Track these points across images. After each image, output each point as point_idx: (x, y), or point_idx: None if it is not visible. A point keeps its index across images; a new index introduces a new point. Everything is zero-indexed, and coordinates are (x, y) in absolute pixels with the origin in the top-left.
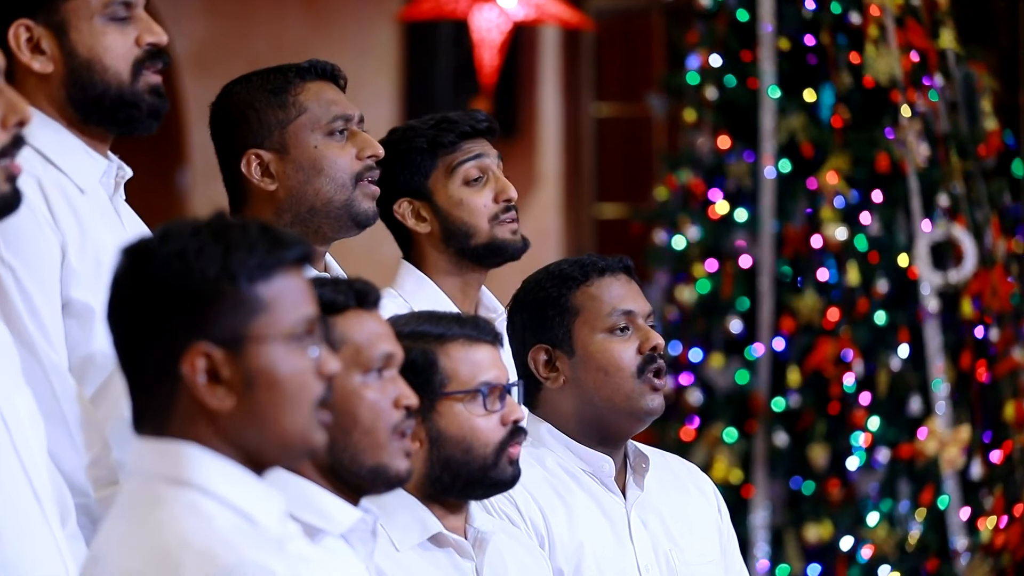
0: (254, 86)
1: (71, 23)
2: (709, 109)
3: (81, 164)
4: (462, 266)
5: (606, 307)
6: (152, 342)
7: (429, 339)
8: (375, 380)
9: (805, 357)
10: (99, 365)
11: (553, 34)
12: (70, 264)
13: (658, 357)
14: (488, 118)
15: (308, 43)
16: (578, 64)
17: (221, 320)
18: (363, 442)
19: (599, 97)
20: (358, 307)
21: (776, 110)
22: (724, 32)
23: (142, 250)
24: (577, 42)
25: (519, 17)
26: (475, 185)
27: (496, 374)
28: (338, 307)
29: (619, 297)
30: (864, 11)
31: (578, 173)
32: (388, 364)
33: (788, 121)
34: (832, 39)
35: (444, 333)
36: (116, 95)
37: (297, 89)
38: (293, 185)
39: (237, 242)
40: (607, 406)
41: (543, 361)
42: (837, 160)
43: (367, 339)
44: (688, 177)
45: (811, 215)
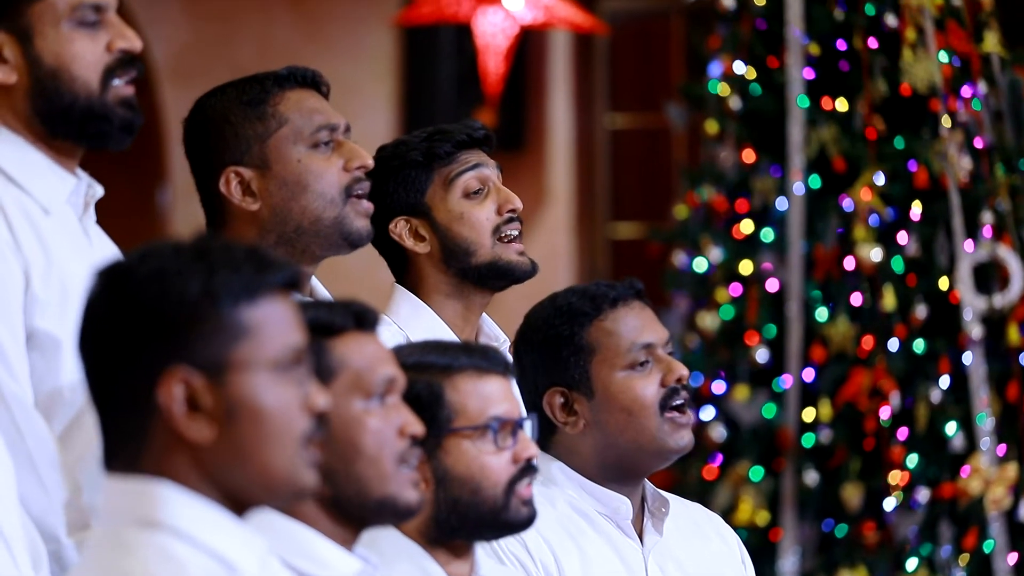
0: (229, 98)
1: (36, 29)
2: (732, 120)
3: (46, 182)
4: (464, 289)
5: (624, 342)
6: (126, 369)
7: (434, 371)
8: (377, 406)
9: (837, 389)
10: (67, 401)
11: (563, 39)
12: (34, 292)
13: (681, 389)
14: (484, 127)
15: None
16: (590, 71)
17: (202, 344)
18: (368, 473)
19: (613, 107)
20: (356, 329)
21: (805, 121)
22: (749, 36)
23: (118, 271)
24: (589, 48)
25: (526, 21)
26: (475, 197)
27: (507, 408)
28: (335, 329)
29: (636, 329)
30: (901, 13)
31: (591, 189)
32: (390, 389)
33: (818, 133)
34: (866, 43)
35: (451, 364)
36: (85, 106)
37: (276, 99)
38: (277, 203)
39: (221, 262)
40: (632, 447)
41: (559, 404)
42: (871, 175)
43: (367, 363)
44: (710, 194)
45: (843, 235)
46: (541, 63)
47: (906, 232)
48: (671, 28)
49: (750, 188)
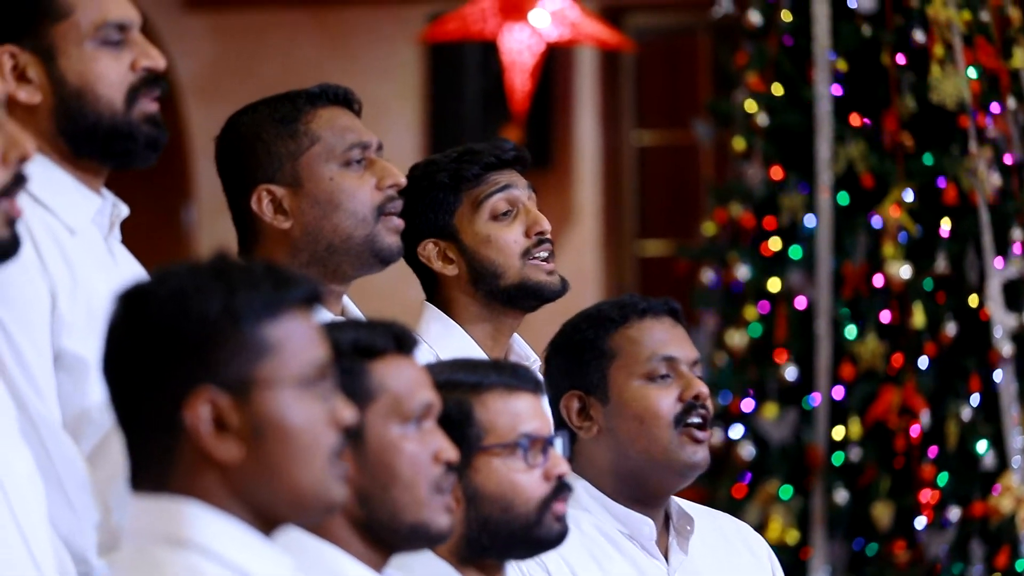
0: (261, 116)
1: (60, 48)
2: (760, 136)
3: (72, 202)
4: (493, 310)
5: (645, 351)
6: (151, 390)
7: (464, 389)
8: (414, 431)
9: (867, 407)
10: (95, 421)
11: (590, 56)
12: (61, 313)
13: (700, 406)
14: (516, 147)
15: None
16: (617, 88)
17: (225, 363)
18: (403, 499)
19: (640, 124)
20: (396, 352)
21: (833, 137)
22: (776, 53)
23: (138, 294)
24: (616, 65)
25: (553, 38)
26: (504, 220)
27: (537, 425)
28: (375, 352)
29: (661, 342)
30: (929, 29)
31: (618, 207)
32: (427, 414)
33: (846, 149)
34: (894, 60)
35: (480, 382)
36: (109, 126)
37: (308, 117)
38: (308, 221)
39: (240, 281)
40: (644, 458)
41: (576, 409)
42: (900, 191)
43: (407, 387)
44: (738, 211)
45: (872, 252)
46: (568, 80)
47: (935, 249)
48: (698, 44)
49: (778, 205)
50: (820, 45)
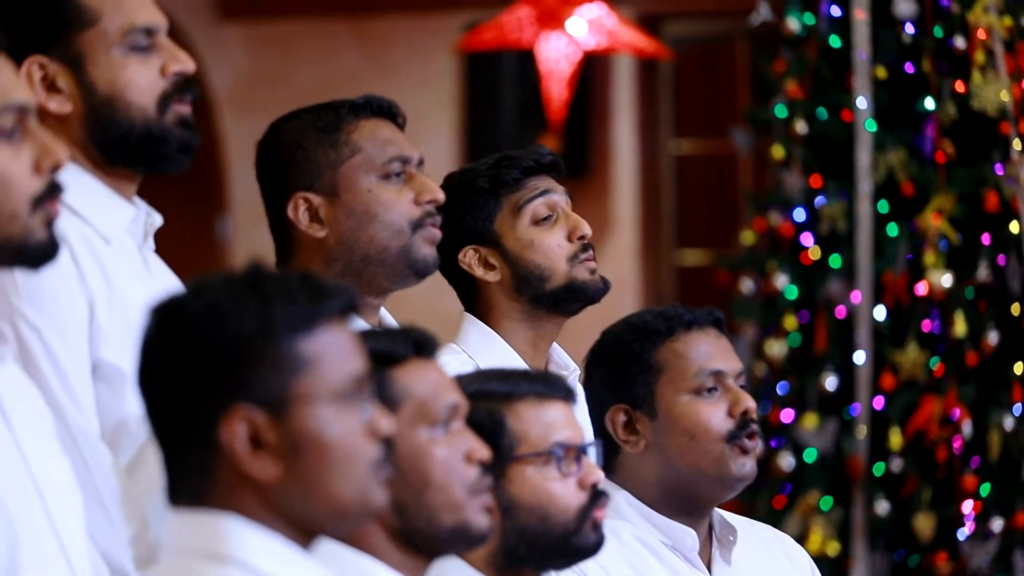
0: (303, 123)
1: (88, 56)
2: (799, 145)
3: (106, 212)
4: (536, 316)
5: (693, 366)
6: (187, 407)
7: (496, 398)
8: (442, 434)
9: (908, 417)
10: (133, 433)
11: (627, 64)
12: (98, 323)
13: (751, 423)
14: (552, 153)
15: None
16: (655, 97)
17: (261, 380)
18: (437, 502)
19: (678, 133)
20: (417, 357)
21: (873, 145)
22: (815, 60)
23: (172, 308)
24: (654, 73)
25: (590, 46)
26: (545, 224)
27: (570, 433)
28: (396, 358)
29: (707, 356)
30: (970, 35)
31: (656, 216)
32: (454, 416)
33: (886, 157)
34: (934, 66)
35: (512, 391)
36: (142, 132)
37: (350, 127)
38: (344, 232)
39: (275, 294)
40: (693, 472)
41: (622, 423)
42: (941, 199)
43: (431, 390)
44: (777, 219)
45: (912, 260)
46: (605, 89)
47: (977, 257)
48: (736, 52)
49: (817, 213)
50: (860, 52)
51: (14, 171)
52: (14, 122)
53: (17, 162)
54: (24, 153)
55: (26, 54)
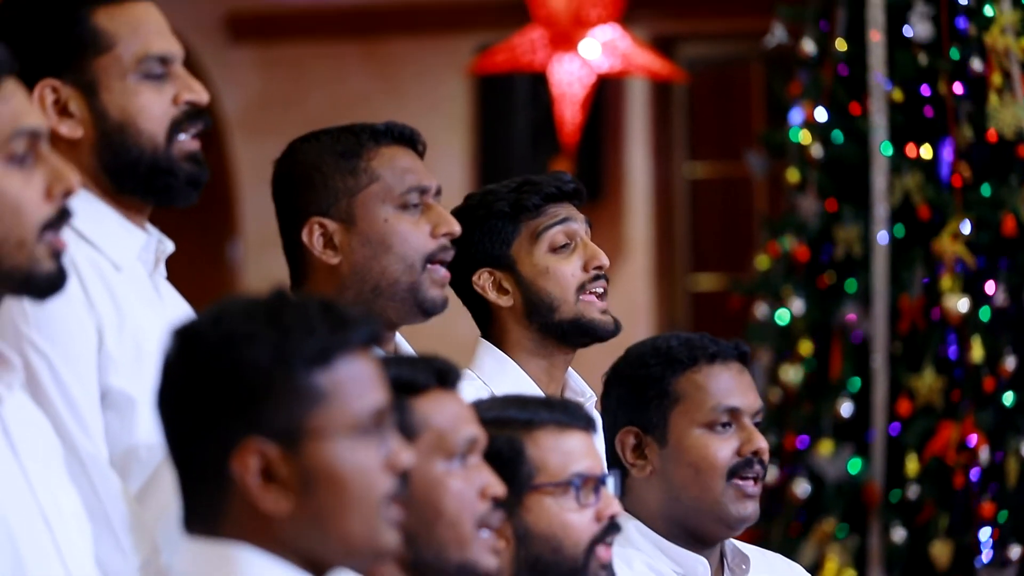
0: (323, 146)
1: (102, 82)
2: (814, 168)
3: (117, 238)
4: (547, 345)
5: (711, 400)
6: (201, 435)
7: (515, 426)
8: (459, 467)
9: (924, 443)
10: (143, 460)
11: (641, 87)
12: (107, 349)
13: (757, 462)
14: (575, 180)
15: (370, 99)
16: (669, 120)
17: (275, 413)
18: (448, 536)
19: (692, 156)
20: (439, 387)
21: (889, 168)
22: (830, 82)
23: (191, 334)
24: (668, 96)
25: (603, 69)
26: (562, 252)
27: (590, 464)
28: (417, 388)
29: (727, 391)
30: (987, 57)
31: (670, 240)
32: (472, 449)
33: (902, 180)
34: (951, 89)
35: (532, 419)
36: (151, 161)
37: (370, 153)
38: (358, 260)
39: (293, 325)
40: (694, 507)
41: (631, 445)
42: (957, 223)
43: (450, 423)
44: (792, 244)
45: (929, 285)
46: (618, 112)
47: (994, 281)
48: (751, 75)
49: (833, 237)
50: (875, 74)
51: (25, 197)
52: (26, 147)
53: (28, 188)
54: (36, 179)
55: (39, 77)
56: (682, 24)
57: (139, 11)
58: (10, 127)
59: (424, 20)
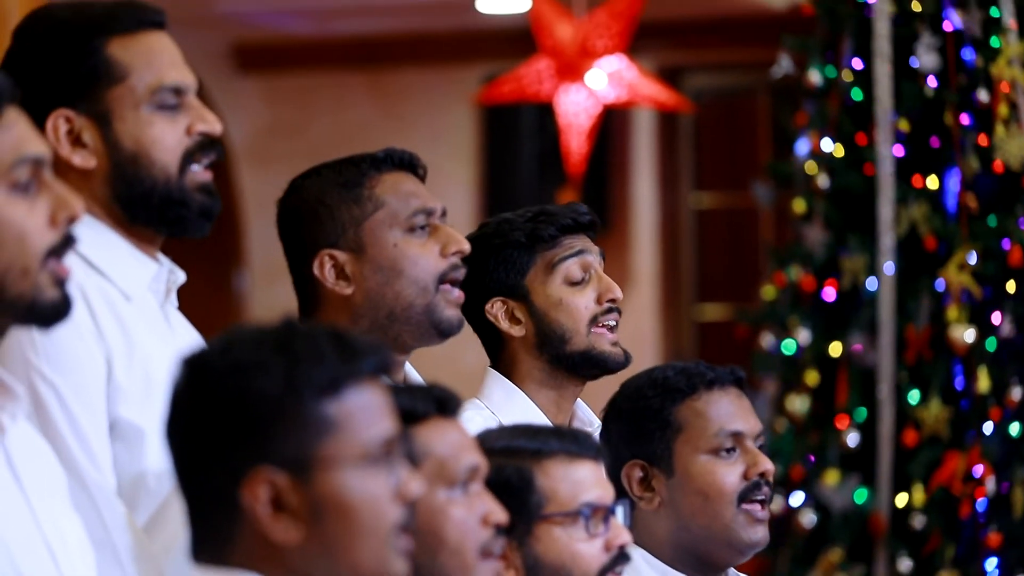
0: (325, 180)
1: (115, 112)
2: (821, 198)
3: (128, 268)
4: (557, 376)
5: (712, 426)
6: (210, 465)
7: (524, 455)
8: (460, 495)
9: (931, 473)
10: (152, 490)
11: (647, 117)
12: (116, 380)
13: (764, 484)
14: (590, 212)
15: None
16: (675, 150)
17: (285, 442)
18: (450, 564)
19: (698, 186)
20: (439, 416)
21: (895, 199)
22: (837, 113)
23: (200, 363)
24: (674, 126)
25: (610, 99)
26: (577, 284)
27: (599, 494)
28: (417, 416)
29: (728, 416)
30: (993, 88)
31: (676, 271)
32: (473, 477)
33: (909, 211)
34: (957, 119)
35: (541, 448)
36: (164, 192)
37: (372, 181)
38: (371, 288)
39: (303, 354)
40: (704, 534)
41: (638, 479)
42: (964, 253)
43: (451, 451)
44: (798, 274)
45: (935, 315)
46: (625, 142)
47: (1000, 312)
48: (757, 105)
49: (839, 268)
50: (882, 105)
51: (29, 225)
52: (29, 175)
53: (32, 216)
54: (39, 206)
55: (53, 107)
56: (688, 55)
57: (153, 41)
58: (12, 155)
59: (430, 50)
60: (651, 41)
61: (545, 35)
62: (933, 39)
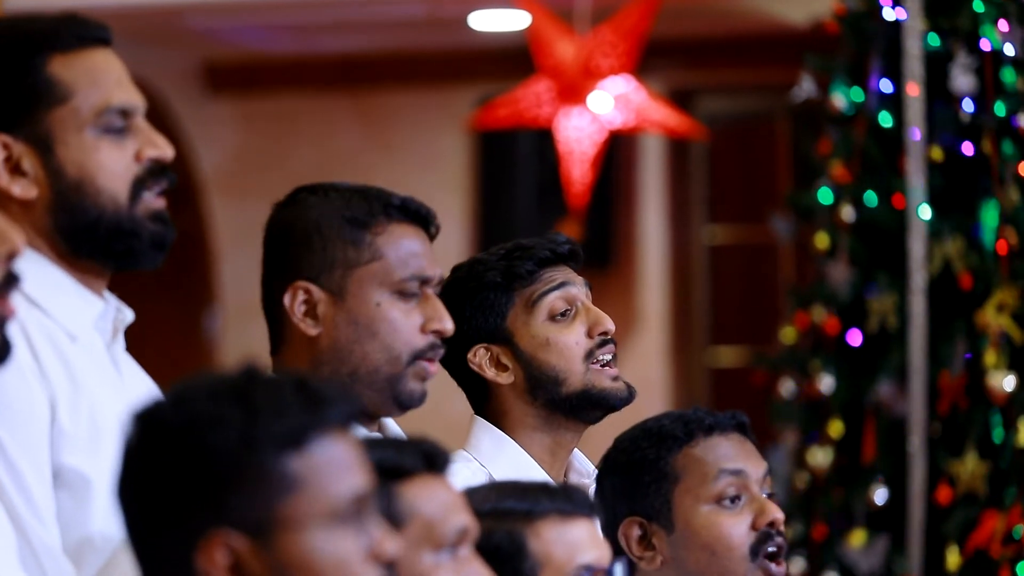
0: (331, 205)
1: (57, 137)
2: (845, 233)
3: (72, 306)
4: (553, 422)
5: (711, 469)
6: (164, 528)
7: (515, 517)
8: (449, 560)
9: (967, 534)
10: (98, 547)
11: (656, 144)
12: (61, 425)
13: (776, 534)
14: (570, 240)
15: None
16: (686, 180)
17: (244, 502)
18: None
19: (712, 219)
20: (426, 472)
21: (927, 234)
22: (863, 140)
23: (151, 418)
24: (685, 153)
25: (615, 124)
26: (562, 320)
27: (597, 555)
28: (403, 473)
29: (726, 456)
30: None
31: (687, 312)
32: (463, 540)
33: (942, 247)
34: (996, 147)
35: (532, 509)
36: (112, 222)
37: (378, 227)
38: (339, 338)
39: (263, 405)
40: None
41: (636, 537)
42: (1003, 294)
43: (439, 511)
44: (820, 315)
45: (971, 360)
46: (631, 171)
47: None
48: (776, 131)
49: (866, 309)
50: (913, 131)
51: None
52: None
53: None
54: None
55: None
56: (701, 76)
57: (98, 59)
58: None
59: (420, 70)
60: (661, 61)
61: (544, 54)
62: (969, 59)
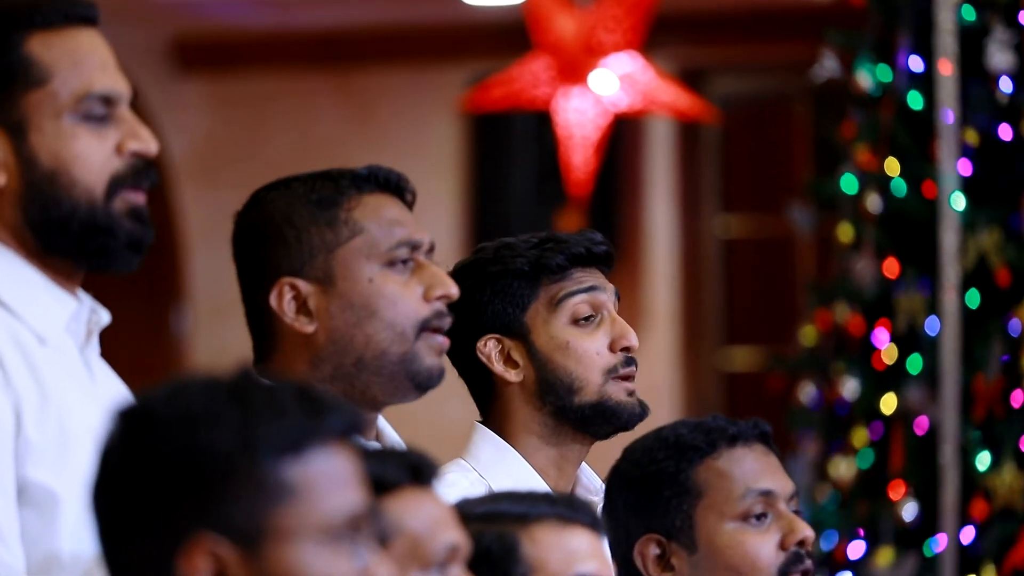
0: (295, 195)
1: (32, 122)
2: (871, 224)
3: (42, 307)
4: (560, 431)
5: (738, 487)
6: (144, 530)
7: (508, 520)
8: None
9: (1004, 552)
10: (65, 566)
11: (665, 128)
12: (26, 435)
13: (805, 556)
14: (606, 242)
15: (344, 140)
16: (697, 167)
17: (234, 507)
18: None
19: (725, 209)
20: (413, 485)
21: (961, 225)
22: (891, 123)
23: (139, 413)
24: (696, 138)
25: (620, 107)
26: (585, 325)
27: (596, 566)
28: (388, 485)
29: (754, 474)
30: None
31: (698, 309)
32: (452, 558)
33: (977, 239)
34: None
35: (528, 512)
36: (86, 217)
37: (351, 203)
38: (338, 327)
39: (262, 406)
40: None
41: (654, 556)
42: None
43: (427, 527)
44: (844, 313)
45: (1008, 363)
46: (637, 157)
47: None
48: (794, 114)
49: (893, 307)
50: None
51: None
52: None
53: None
54: None
55: None
56: (713, 53)
57: (82, 40)
58: None
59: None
60: (669, 37)
61: (543, 29)
62: (1007, 34)
